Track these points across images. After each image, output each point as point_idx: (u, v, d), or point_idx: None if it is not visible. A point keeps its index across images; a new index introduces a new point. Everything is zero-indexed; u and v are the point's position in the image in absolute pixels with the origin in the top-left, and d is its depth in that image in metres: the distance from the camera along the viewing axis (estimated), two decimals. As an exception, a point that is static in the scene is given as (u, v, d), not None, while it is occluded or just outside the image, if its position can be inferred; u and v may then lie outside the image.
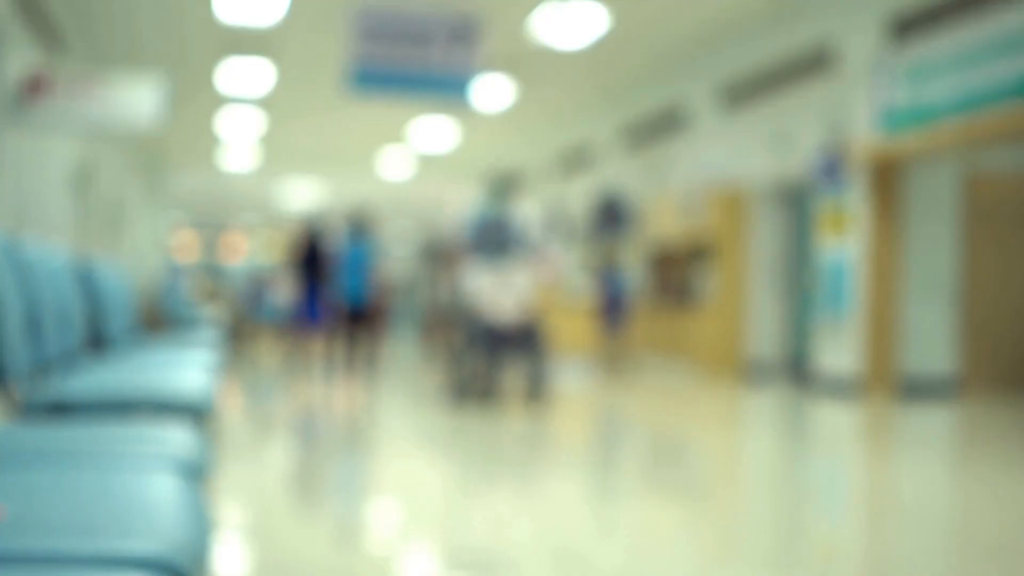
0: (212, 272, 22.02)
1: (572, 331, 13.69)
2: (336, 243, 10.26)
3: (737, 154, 10.50)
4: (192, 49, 10.68)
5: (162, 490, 1.30)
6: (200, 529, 1.18)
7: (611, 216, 13.23)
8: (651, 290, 12.66)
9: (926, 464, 5.42)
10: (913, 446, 6.24)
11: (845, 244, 8.63)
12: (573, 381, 10.07)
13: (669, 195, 12.03)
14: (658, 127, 12.20)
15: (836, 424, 7.12)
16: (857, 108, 8.49)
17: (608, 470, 5.36)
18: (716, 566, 3.23)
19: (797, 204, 10.41)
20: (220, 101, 13.23)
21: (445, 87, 8.42)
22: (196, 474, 1.57)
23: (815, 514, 4.23)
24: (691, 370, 10.94)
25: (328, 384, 9.08)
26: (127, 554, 1.00)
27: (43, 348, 2.68)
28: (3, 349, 2.24)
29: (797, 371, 10.19)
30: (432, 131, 14.65)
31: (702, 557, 3.35)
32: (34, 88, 7.62)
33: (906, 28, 7.97)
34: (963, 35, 7.36)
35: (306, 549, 3.21)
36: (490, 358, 7.68)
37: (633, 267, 13.04)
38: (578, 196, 14.61)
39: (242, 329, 14.90)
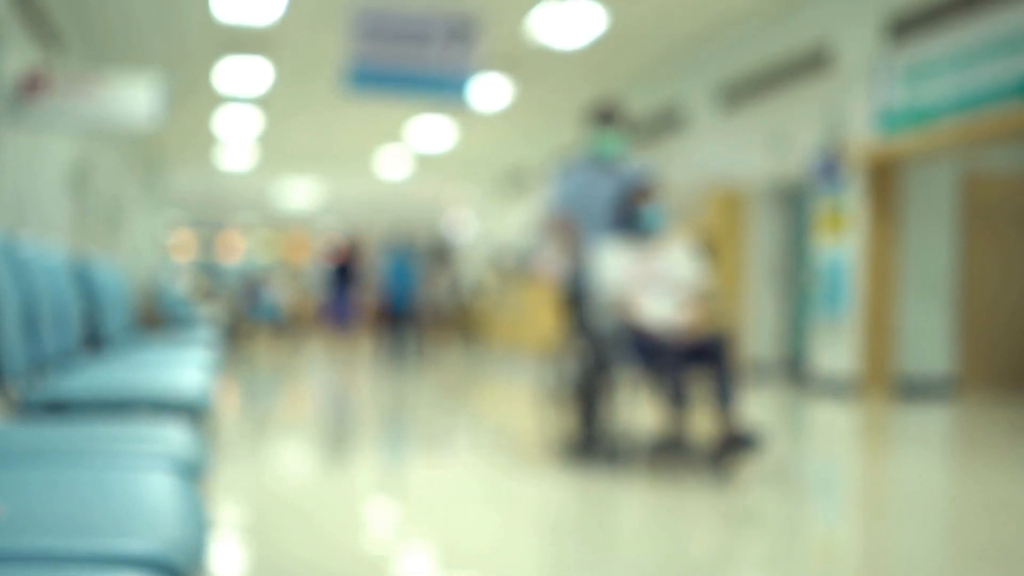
0: (209, 271, 22.01)
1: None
2: (373, 257, 10.15)
3: (735, 154, 10.50)
4: (190, 48, 10.67)
5: (159, 489, 1.30)
6: (197, 528, 1.18)
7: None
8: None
9: (923, 464, 5.43)
10: (910, 446, 6.24)
11: (843, 244, 8.63)
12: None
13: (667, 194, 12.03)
14: (656, 127, 12.20)
15: (833, 424, 7.12)
16: (855, 108, 8.50)
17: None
18: (715, 566, 3.23)
19: (795, 204, 10.40)
20: (218, 100, 13.22)
21: (443, 87, 8.42)
22: (193, 473, 1.57)
23: (812, 513, 4.23)
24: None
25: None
26: (124, 553, 1.00)
27: (40, 347, 2.67)
28: (0, 348, 2.23)
29: (794, 370, 10.18)
30: (430, 131, 14.64)
31: (701, 558, 3.35)
32: (32, 87, 7.61)
33: (904, 28, 7.97)
34: (961, 35, 7.36)
35: (304, 549, 3.20)
36: (675, 392, 4.58)
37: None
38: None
39: (239, 328, 14.90)
